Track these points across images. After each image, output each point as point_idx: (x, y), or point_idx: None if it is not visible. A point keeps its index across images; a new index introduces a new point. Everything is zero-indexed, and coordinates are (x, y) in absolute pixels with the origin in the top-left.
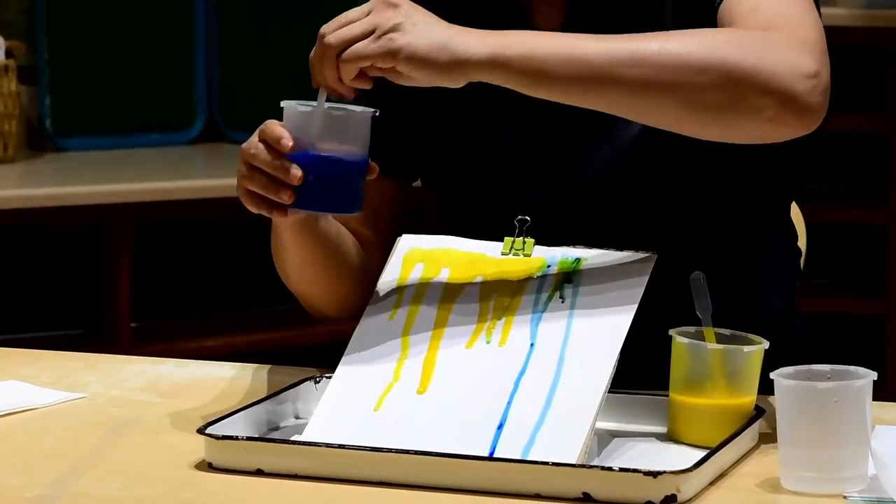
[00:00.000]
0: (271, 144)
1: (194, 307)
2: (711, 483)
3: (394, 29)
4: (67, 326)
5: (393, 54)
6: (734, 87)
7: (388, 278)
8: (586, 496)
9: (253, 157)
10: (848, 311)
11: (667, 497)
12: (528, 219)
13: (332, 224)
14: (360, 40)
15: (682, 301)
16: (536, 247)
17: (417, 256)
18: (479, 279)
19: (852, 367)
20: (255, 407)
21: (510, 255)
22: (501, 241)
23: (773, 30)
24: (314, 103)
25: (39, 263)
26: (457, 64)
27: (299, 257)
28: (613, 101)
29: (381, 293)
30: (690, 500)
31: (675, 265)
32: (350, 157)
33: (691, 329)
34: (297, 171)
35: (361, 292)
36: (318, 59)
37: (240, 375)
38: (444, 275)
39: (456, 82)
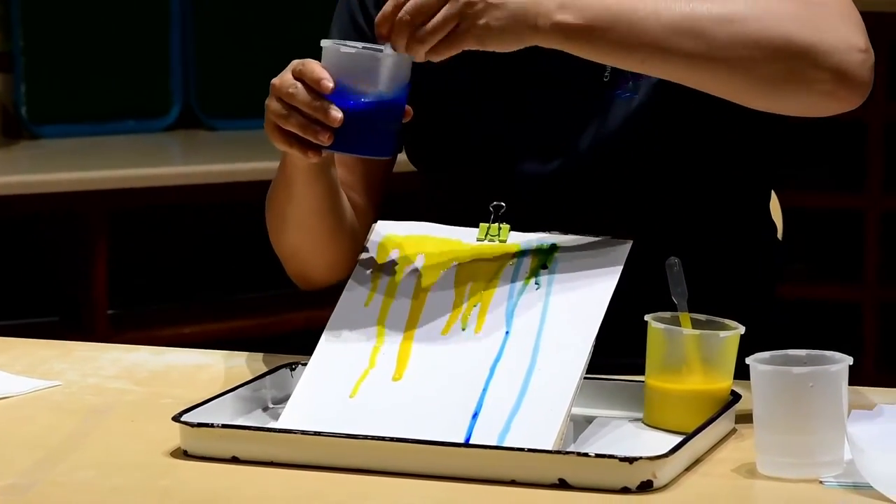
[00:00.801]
0: (310, 85)
1: (170, 295)
2: (687, 469)
3: (483, 13)
4: (42, 314)
5: (469, 36)
6: (791, 61)
7: (364, 265)
8: (562, 482)
9: (291, 96)
10: (825, 297)
11: (643, 483)
12: (504, 205)
13: (336, 179)
14: (436, 13)
15: (658, 286)
16: (512, 233)
17: (393, 243)
18: (454, 265)
19: (828, 352)
20: (230, 394)
21: (486, 241)
22: (477, 226)
23: (818, 2)
24: (355, 44)
25: (14, 251)
26: (526, 37)
27: (305, 205)
28: (670, 70)
29: (356, 280)
30: (666, 485)
31: (653, 250)
32: (389, 100)
33: (667, 314)
34: (337, 114)
35: (351, 256)
36: (387, 21)
37: (215, 363)
38: (420, 261)
39: (517, 47)
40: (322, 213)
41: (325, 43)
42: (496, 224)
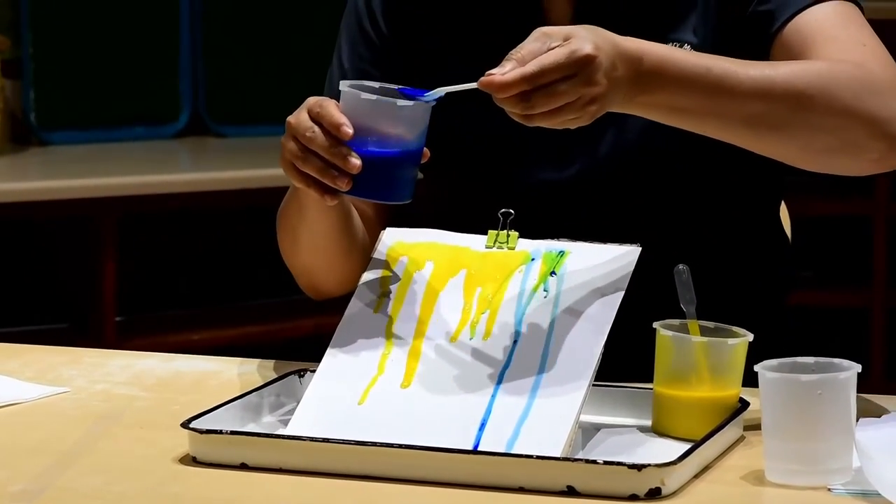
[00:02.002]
0: (329, 130)
1: (179, 301)
2: (696, 476)
3: (595, 100)
4: (51, 321)
5: (581, 119)
6: (850, 133)
7: (372, 272)
8: (570, 489)
9: (309, 139)
10: (833, 303)
11: (651, 490)
12: (512, 212)
13: (348, 202)
14: (560, 98)
15: (666, 294)
16: (521, 240)
17: (401, 250)
18: (462, 272)
19: (836, 360)
20: (239, 401)
21: (494, 249)
22: (485, 233)
23: (866, 66)
24: (373, 87)
25: (23, 258)
26: (615, 108)
27: (318, 228)
28: (731, 137)
29: (365, 287)
30: (675, 493)
31: (662, 257)
32: (408, 147)
33: (675, 322)
34: (356, 161)
35: (362, 270)
36: (507, 89)
37: (224, 369)
38: (429, 268)
39: None
40: (334, 235)
41: (343, 87)
42: (505, 231)
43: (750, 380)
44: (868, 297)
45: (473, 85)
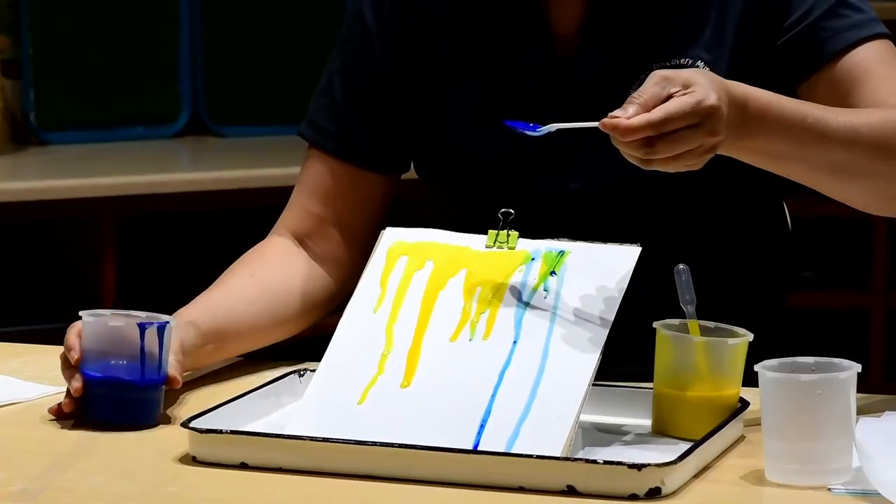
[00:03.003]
0: (66, 353)
1: (178, 301)
2: (696, 476)
3: (713, 148)
4: (52, 320)
5: (696, 165)
6: None
7: (372, 271)
8: (570, 489)
9: (62, 360)
10: (833, 304)
11: (651, 490)
12: (512, 212)
13: (265, 303)
14: (681, 146)
15: (666, 294)
16: (521, 239)
17: (401, 250)
18: (462, 272)
19: (836, 360)
20: (239, 400)
21: (494, 248)
22: (485, 234)
23: None
24: (103, 312)
25: (23, 257)
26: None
27: (236, 350)
28: (813, 180)
29: (365, 286)
30: (675, 492)
31: (662, 258)
32: (131, 373)
33: (675, 321)
34: (76, 383)
35: (327, 306)
36: (631, 133)
37: (224, 369)
38: (428, 268)
39: None
40: (262, 338)
41: (82, 314)
42: (504, 231)
43: (750, 379)
44: (868, 297)
45: (594, 124)
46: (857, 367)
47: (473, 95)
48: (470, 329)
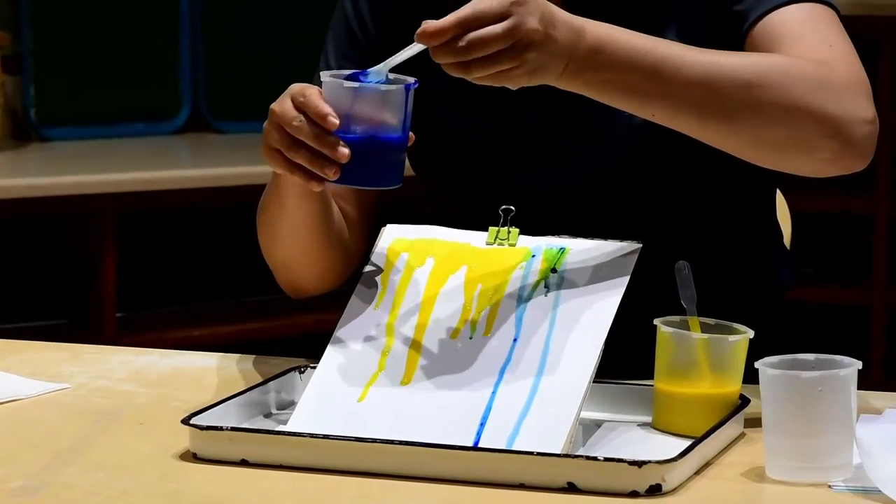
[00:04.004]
0: (314, 120)
1: (179, 297)
2: (696, 472)
3: (531, 46)
4: (51, 317)
5: (518, 69)
6: (800, 129)
7: (373, 268)
8: (571, 486)
9: (297, 129)
10: (833, 300)
11: (652, 487)
12: (513, 209)
13: (328, 194)
14: (494, 42)
15: (667, 290)
16: (521, 236)
17: (402, 246)
18: (463, 269)
19: (837, 357)
20: (239, 397)
21: (495, 245)
22: (484, 230)
23: (829, 65)
24: (354, 79)
25: (23, 253)
26: (552, 80)
27: (297, 220)
28: (678, 123)
29: (366, 282)
30: (675, 489)
31: (662, 254)
32: (391, 132)
33: (676, 318)
34: (344, 150)
35: (341, 267)
36: (440, 36)
37: (224, 366)
38: (429, 265)
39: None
40: (313, 228)
41: (324, 77)
42: (505, 228)
43: (750, 376)
44: (868, 294)
45: (414, 45)
46: (858, 364)
47: (455, 85)
48: (470, 326)
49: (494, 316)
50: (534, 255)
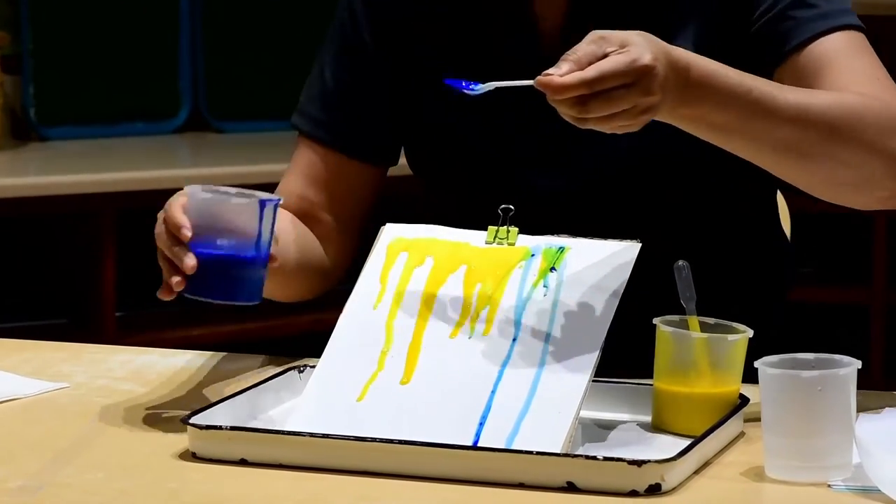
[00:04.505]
0: (171, 230)
1: (179, 297)
2: (696, 472)
3: (649, 110)
4: (51, 316)
5: (635, 108)
6: (871, 170)
7: (372, 267)
8: (570, 485)
9: (157, 237)
10: (833, 299)
11: (651, 486)
12: (512, 208)
13: (294, 245)
14: (618, 100)
15: (666, 290)
16: (521, 236)
17: (401, 246)
18: (462, 268)
19: (837, 356)
20: (239, 396)
21: (494, 245)
22: (484, 230)
23: (890, 105)
24: (219, 188)
25: (23, 253)
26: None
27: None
28: (757, 158)
29: (365, 282)
30: (675, 489)
31: (662, 254)
32: (245, 249)
33: (675, 318)
34: (190, 261)
35: (319, 283)
36: (566, 91)
37: (224, 365)
38: (428, 264)
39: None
40: (287, 284)
41: (187, 188)
42: (504, 227)
43: (750, 376)
44: (868, 293)
45: (529, 82)
46: (858, 364)
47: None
48: (470, 326)
49: (494, 315)
50: (533, 255)
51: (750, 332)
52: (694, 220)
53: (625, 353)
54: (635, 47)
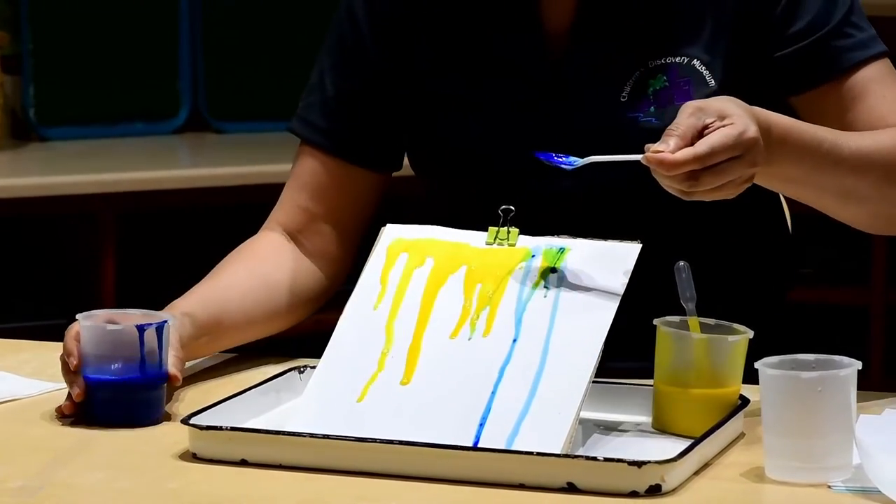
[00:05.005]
0: (62, 358)
1: (178, 297)
2: (696, 473)
3: (752, 178)
4: (51, 316)
5: (737, 191)
6: None
7: (373, 268)
8: (571, 486)
9: (61, 364)
10: (833, 300)
11: (651, 487)
12: (512, 208)
13: (256, 299)
14: (728, 177)
15: (666, 291)
16: (521, 236)
17: (402, 246)
18: (463, 269)
19: (837, 357)
20: (239, 397)
21: (495, 245)
22: (484, 230)
23: None
24: (98, 313)
25: (22, 253)
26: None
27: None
28: (816, 201)
29: (366, 283)
30: (675, 489)
31: (662, 255)
32: (130, 372)
33: (676, 319)
34: (76, 389)
35: (314, 306)
36: (676, 167)
37: (224, 366)
38: (429, 265)
39: None
40: (263, 328)
41: (79, 316)
42: (505, 228)
43: (750, 376)
44: (868, 294)
45: (636, 157)
46: (858, 365)
47: (463, 91)
48: (470, 326)
49: (494, 316)
50: (533, 255)
51: (750, 333)
52: (697, 221)
53: (625, 354)
54: (738, 119)
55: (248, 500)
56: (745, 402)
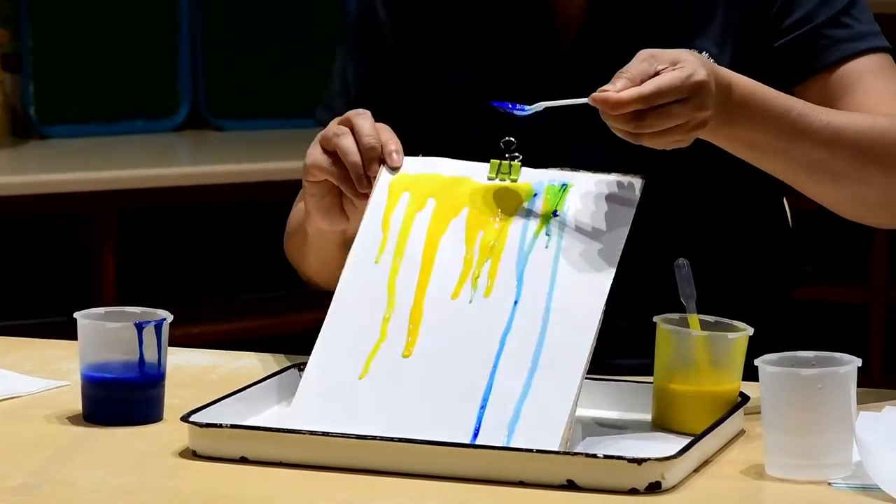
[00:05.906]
0: (365, 145)
1: (178, 295)
2: (696, 470)
3: (701, 125)
4: (51, 314)
5: (687, 123)
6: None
7: (374, 210)
8: (570, 483)
9: (338, 148)
10: (833, 298)
11: (651, 484)
12: (514, 141)
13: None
14: (674, 115)
15: (666, 288)
16: (524, 169)
17: (403, 184)
18: (464, 212)
19: (837, 354)
20: (239, 394)
21: (497, 180)
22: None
23: None
24: (97, 311)
25: (22, 251)
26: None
27: (323, 243)
28: (789, 176)
29: (366, 233)
30: (675, 487)
31: (662, 252)
32: (128, 371)
33: (676, 316)
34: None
35: None
36: (621, 107)
37: (224, 363)
38: (430, 207)
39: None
40: (339, 246)
41: (77, 315)
42: (507, 161)
43: (750, 374)
44: (868, 292)
45: (583, 100)
46: (858, 362)
47: (474, 82)
48: (472, 284)
49: (495, 272)
50: (536, 194)
51: (750, 331)
52: (699, 218)
53: (625, 352)
54: (688, 63)
55: (248, 497)
56: (745, 399)
